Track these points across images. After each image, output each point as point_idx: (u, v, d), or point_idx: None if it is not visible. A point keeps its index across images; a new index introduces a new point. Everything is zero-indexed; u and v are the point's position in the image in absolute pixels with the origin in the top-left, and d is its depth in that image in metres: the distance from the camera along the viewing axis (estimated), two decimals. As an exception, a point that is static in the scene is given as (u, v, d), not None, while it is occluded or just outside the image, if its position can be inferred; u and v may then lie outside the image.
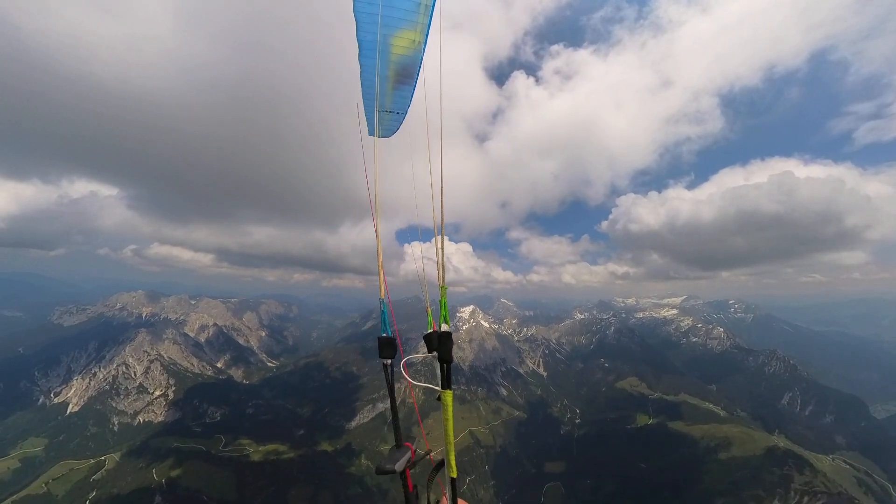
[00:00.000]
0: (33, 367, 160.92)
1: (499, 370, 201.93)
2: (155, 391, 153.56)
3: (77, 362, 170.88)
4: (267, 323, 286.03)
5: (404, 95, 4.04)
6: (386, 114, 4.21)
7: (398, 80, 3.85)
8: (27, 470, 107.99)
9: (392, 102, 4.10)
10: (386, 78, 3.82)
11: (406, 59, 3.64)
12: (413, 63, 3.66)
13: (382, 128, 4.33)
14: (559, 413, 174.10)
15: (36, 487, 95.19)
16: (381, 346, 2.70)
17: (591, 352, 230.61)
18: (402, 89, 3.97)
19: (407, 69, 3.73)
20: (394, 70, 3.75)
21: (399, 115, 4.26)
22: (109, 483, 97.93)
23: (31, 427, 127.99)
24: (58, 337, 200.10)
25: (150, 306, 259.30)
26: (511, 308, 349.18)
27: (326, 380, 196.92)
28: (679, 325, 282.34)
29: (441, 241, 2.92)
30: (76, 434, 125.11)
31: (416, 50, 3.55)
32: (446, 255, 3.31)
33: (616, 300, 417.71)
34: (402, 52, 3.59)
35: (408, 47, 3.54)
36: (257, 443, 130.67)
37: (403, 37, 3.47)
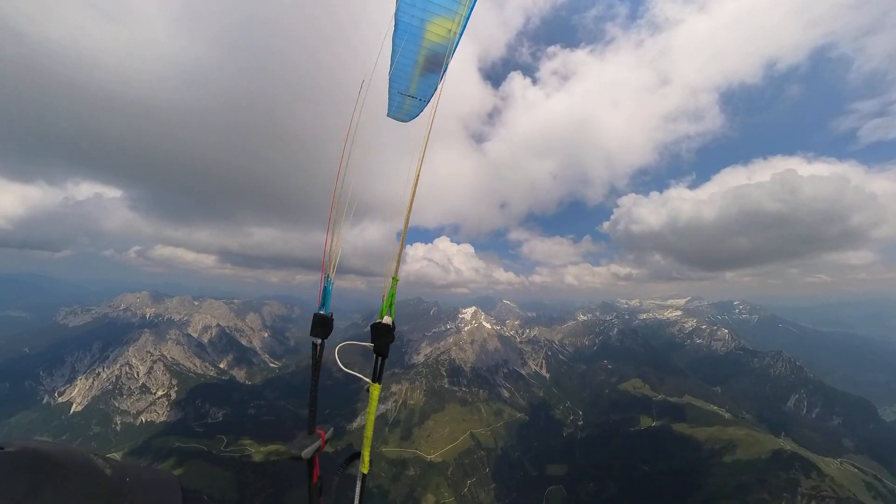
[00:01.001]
0: (38, 367, 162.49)
1: (501, 372, 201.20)
2: (157, 391, 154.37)
3: (81, 362, 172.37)
4: (269, 324, 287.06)
5: (430, 83, 4.02)
6: (408, 98, 4.19)
7: (427, 66, 3.85)
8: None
9: (417, 88, 4.08)
10: (415, 63, 3.81)
11: (438, 48, 3.63)
12: (444, 52, 3.64)
13: (402, 112, 4.33)
14: (561, 415, 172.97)
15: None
16: (314, 324, 2.44)
17: (594, 353, 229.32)
18: (428, 77, 3.96)
19: (437, 57, 3.72)
20: (424, 56, 3.74)
21: (421, 101, 4.23)
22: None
23: (36, 426, 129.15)
24: (63, 337, 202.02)
25: (154, 307, 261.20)
26: (513, 309, 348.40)
27: (328, 381, 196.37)
28: (683, 327, 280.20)
29: (404, 233, 2.73)
30: (79, 433, 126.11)
31: (451, 40, 3.53)
32: (447, 256, 3.22)
33: (619, 301, 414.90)
34: (436, 40, 3.58)
35: (443, 36, 3.53)
36: (259, 443, 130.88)
37: (440, 24, 3.45)
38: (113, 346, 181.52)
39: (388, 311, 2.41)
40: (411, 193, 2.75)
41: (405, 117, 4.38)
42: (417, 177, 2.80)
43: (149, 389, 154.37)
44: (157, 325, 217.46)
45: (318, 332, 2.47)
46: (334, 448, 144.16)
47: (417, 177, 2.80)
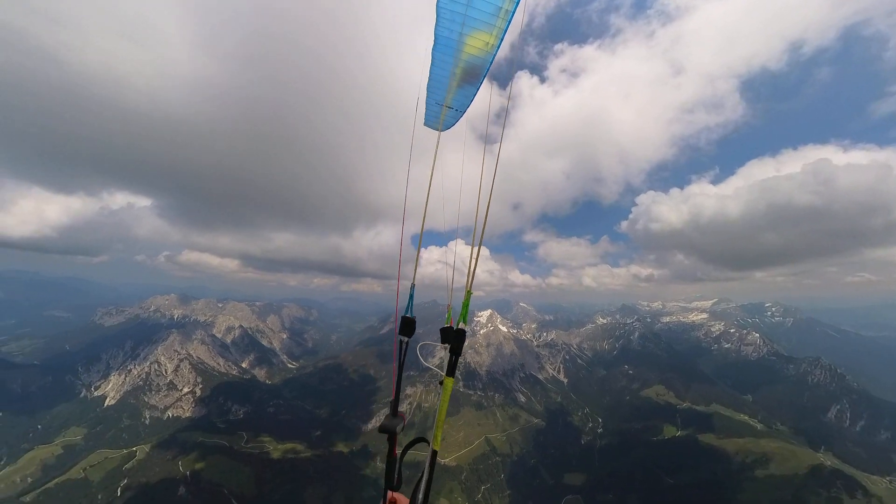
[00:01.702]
0: (77, 363, 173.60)
1: (517, 376, 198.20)
2: (184, 388, 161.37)
3: (115, 359, 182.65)
4: (289, 326, 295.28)
5: (467, 94, 4.18)
6: (445, 109, 4.36)
7: (464, 78, 3.99)
8: (68, 456, 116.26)
9: (454, 99, 4.25)
10: (453, 75, 3.96)
11: (476, 60, 3.76)
12: (482, 65, 3.78)
13: (439, 122, 4.51)
14: (580, 422, 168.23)
15: (75, 473, 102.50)
16: (402, 325, 3.11)
17: (615, 358, 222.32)
18: (466, 88, 4.11)
19: (475, 70, 3.86)
20: (462, 69, 3.88)
21: (458, 112, 4.40)
22: (139, 472, 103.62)
23: (73, 417, 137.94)
24: (99, 336, 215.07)
25: (182, 309, 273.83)
26: (530, 312, 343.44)
27: (344, 382, 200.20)
28: (709, 331, 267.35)
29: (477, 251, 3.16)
30: (112, 426, 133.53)
31: (489, 52, 3.65)
32: (462, 260, 3.75)
33: (640, 304, 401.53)
34: (474, 53, 3.70)
35: (481, 49, 3.65)
36: (277, 441, 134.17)
37: (478, 38, 3.58)
38: (144, 345, 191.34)
39: (462, 320, 3.00)
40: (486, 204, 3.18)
41: (441, 127, 4.55)
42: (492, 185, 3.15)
43: (176, 386, 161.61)
44: (184, 325, 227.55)
45: (406, 332, 3.15)
46: (349, 448, 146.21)
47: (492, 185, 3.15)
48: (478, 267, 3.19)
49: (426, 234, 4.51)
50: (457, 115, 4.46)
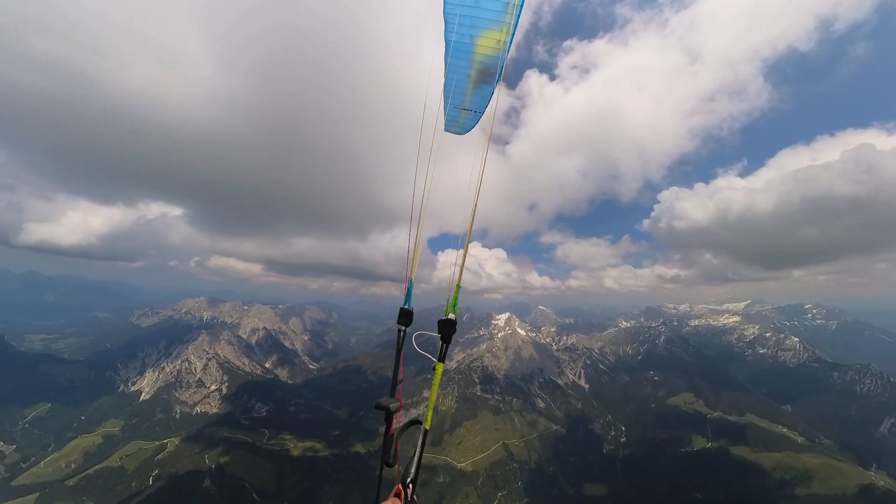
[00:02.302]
0: (117, 360, 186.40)
1: (536, 381, 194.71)
2: (211, 386, 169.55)
3: (150, 357, 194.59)
4: (310, 328, 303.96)
5: (484, 95, 4.25)
6: (463, 111, 4.44)
7: (480, 79, 4.07)
8: (107, 446, 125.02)
9: (471, 101, 4.33)
10: (468, 77, 4.04)
11: (489, 60, 3.83)
12: (496, 63, 3.84)
13: (459, 125, 4.59)
14: (602, 430, 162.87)
15: (112, 461, 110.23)
16: (400, 315, 3.49)
17: (639, 363, 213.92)
18: (482, 89, 4.18)
19: (489, 69, 3.93)
20: (476, 70, 3.95)
21: (476, 113, 4.46)
22: (169, 464, 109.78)
23: (112, 410, 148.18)
24: (136, 335, 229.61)
25: (210, 311, 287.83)
26: (549, 315, 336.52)
27: (363, 384, 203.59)
28: (743, 335, 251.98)
29: (466, 247, 3.54)
30: (146, 419, 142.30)
31: (501, 50, 3.70)
32: (479, 262, 4.58)
33: (666, 306, 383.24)
34: (487, 53, 3.78)
35: (493, 48, 3.72)
36: (297, 439, 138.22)
37: (489, 37, 3.64)
38: (176, 345, 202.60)
39: (452, 311, 3.33)
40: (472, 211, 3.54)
41: (462, 130, 4.64)
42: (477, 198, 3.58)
43: (204, 384, 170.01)
44: (212, 326, 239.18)
45: (403, 321, 3.52)
46: (366, 449, 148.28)
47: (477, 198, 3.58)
48: (495, 269, 3.62)
49: (443, 236, 4.63)
50: (476, 117, 4.54)
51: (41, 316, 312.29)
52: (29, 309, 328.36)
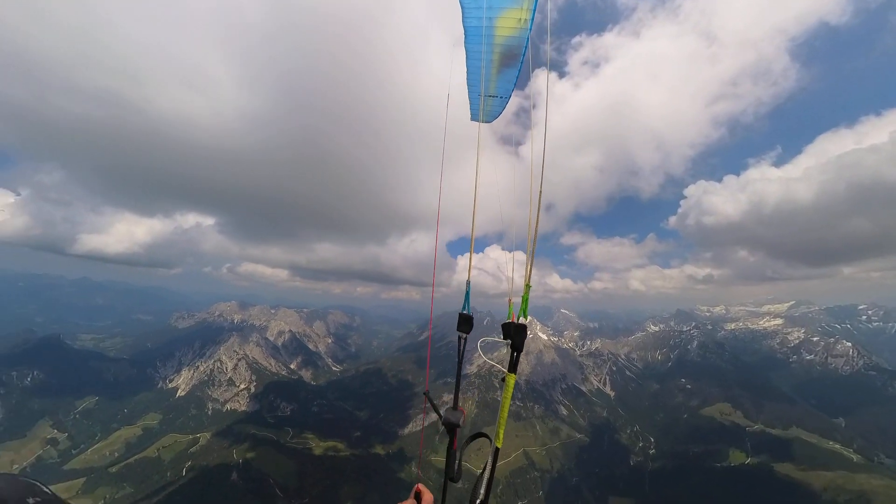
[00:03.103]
0: (156, 359, 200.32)
1: (558, 387, 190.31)
2: (240, 385, 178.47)
3: (186, 357, 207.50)
4: (333, 331, 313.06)
5: (509, 79, 4.07)
6: (490, 98, 4.27)
7: (503, 62, 3.90)
8: (146, 437, 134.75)
9: (496, 87, 4.17)
10: (491, 62, 3.87)
11: (512, 41, 3.65)
12: (519, 44, 3.66)
13: (486, 112, 4.41)
14: (629, 440, 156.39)
15: (150, 452, 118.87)
16: (460, 321, 3.15)
17: (669, 370, 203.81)
18: (506, 73, 4.01)
19: (512, 50, 3.75)
20: (499, 53, 3.78)
21: (502, 99, 4.30)
22: (201, 456, 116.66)
23: (151, 404, 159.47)
24: (174, 336, 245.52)
25: (240, 314, 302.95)
26: (572, 319, 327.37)
27: (384, 386, 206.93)
28: (786, 339, 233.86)
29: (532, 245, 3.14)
30: (181, 414, 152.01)
31: (523, 28, 3.53)
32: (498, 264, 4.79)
33: (699, 309, 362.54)
34: (508, 34, 3.60)
35: (514, 27, 3.55)
36: (319, 438, 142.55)
37: (509, 17, 3.48)
38: (209, 345, 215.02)
39: (522, 314, 2.92)
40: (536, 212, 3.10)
41: (489, 118, 4.48)
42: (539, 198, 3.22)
43: (234, 383, 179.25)
44: (242, 329, 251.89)
45: (464, 328, 3.17)
46: (386, 451, 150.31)
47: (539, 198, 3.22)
48: (513, 273, 3.39)
49: (463, 239, 4.20)
50: (503, 103, 4.38)
51: (91, 317, 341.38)
52: (81, 311, 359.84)
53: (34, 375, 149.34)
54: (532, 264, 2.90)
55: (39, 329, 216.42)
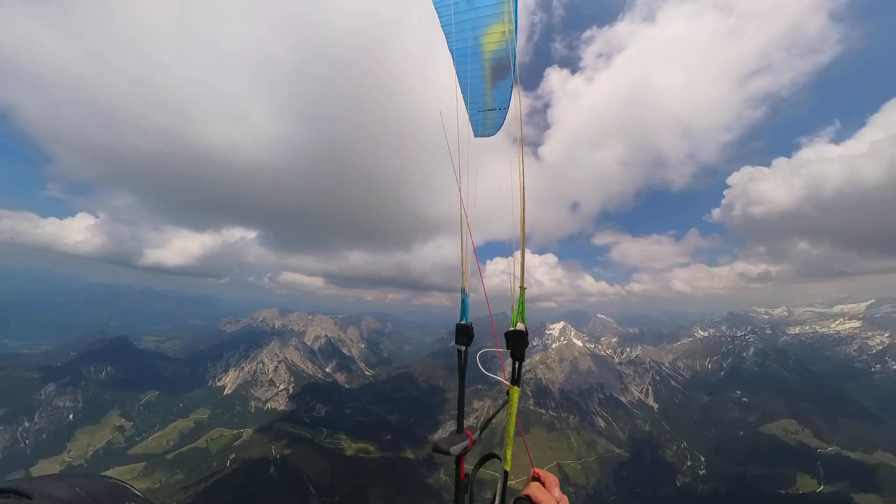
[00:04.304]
0: (207, 360, 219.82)
1: (595, 397, 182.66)
2: (280, 385, 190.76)
3: (232, 358, 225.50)
4: (366, 336, 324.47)
5: (503, 90, 4.13)
6: (489, 112, 4.34)
7: (495, 76, 3.97)
8: (197, 430, 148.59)
9: (493, 100, 4.25)
10: (483, 78, 3.93)
11: (499, 54, 3.71)
12: (506, 55, 3.71)
13: (487, 126, 4.50)
14: (675, 458, 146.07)
15: (200, 443, 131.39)
16: (457, 333, 2.83)
17: (722, 381, 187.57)
18: (500, 85, 4.07)
19: (501, 63, 3.81)
20: (490, 68, 3.85)
21: (501, 110, 4.36)
22: (243, 450, 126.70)
23: (202, 400, 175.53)
24: (222, 340, 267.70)
25: (281, 320, 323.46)
26: (610, 324, 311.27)
27: (415, 391, 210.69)
28: (866, 344, 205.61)
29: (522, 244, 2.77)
30: (228, 410, 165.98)
31: (509, 40, 3.58)
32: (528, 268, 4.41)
33: (755, 311, 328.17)
34: (495, 48, 3.67)
35: (499, 41, 3.60)
36: (351, 439, 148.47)
37: (494, 32, 3.53)
38: (253, 348, 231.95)
39: (519, 319, 2.50)
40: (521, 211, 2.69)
41: (492, 131, 4.56)
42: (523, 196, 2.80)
43: (274, 383, 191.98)
44: (282, 333, 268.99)
45: (462, 340, 2.81)
46: (416, 455, 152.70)
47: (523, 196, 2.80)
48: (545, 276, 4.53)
49: (489, 244, 4.60)
50: (502, 114, 4.47)
51: (153, 322, 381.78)
52: (145, 316, 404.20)
53: (107, 371, 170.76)
54: (523, 265, 2.74)
55: (111, 331, 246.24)
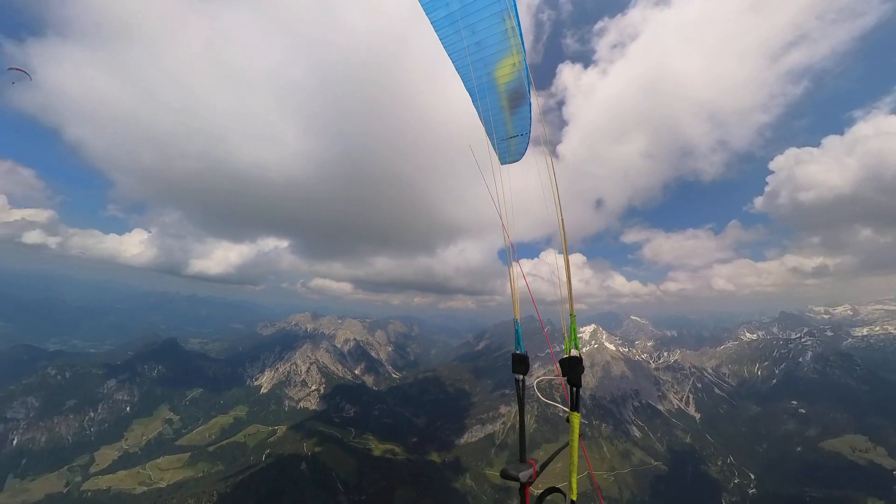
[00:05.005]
0: (246, 361, 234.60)
1: (630, 404, 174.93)
2: (312, 386, 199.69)
3: (268, 359, 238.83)
4: (393, 340, 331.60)
5: (523, 116, 4.47)
6: (512, 139, 4.69)
7: (513, 104, 4.33)
8: (236, 425, 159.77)
9: (514, 127, 4.59)
10: (501, 108, 4.31)
11: (514, 84, 4.05)
12: (521, 84, 4.04)
13: (512, 153, 4.83)
14: (720, 474, 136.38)
15: (238, 437, 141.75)
16: (514, 362, 3.18)
17: (774, 389, 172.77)
18: (519, 112, 4.42)
19: (517, 92, 4.15)
20: (506, 98, 4.21)
21: (524, 136, 4.71)
22: (277, 446, 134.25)
23: (241, 398, 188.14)
24: (259, 342, 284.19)
25: (313, 324, 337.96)
26: (645, 327, 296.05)
27: (441, 395, 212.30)
28: None
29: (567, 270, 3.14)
30: (264, 408, 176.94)
31: (520, 70, 3.89)
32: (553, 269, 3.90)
33: (812, 310, 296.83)
34: (508, 79, 4.00)
35: (511, 72, 3.93)
36: (378, 440, 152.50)
37: (504, 65, 3.86)
38: (287, 351, 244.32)
39: (573, 346, 2.86)
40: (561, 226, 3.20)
41: (517, 157, 4.85)
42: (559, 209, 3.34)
43: (306, 384, 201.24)
44: (314, 337, 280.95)
45: (520, 369, 3.19)
46: (442, 459, 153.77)
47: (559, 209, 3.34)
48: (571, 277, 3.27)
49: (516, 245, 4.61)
50: (525, 139, 4.74)
51: (198, 325, 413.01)
52: (191, 320, 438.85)
53: (158, 369, 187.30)
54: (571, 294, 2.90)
55: (162, 334, 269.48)
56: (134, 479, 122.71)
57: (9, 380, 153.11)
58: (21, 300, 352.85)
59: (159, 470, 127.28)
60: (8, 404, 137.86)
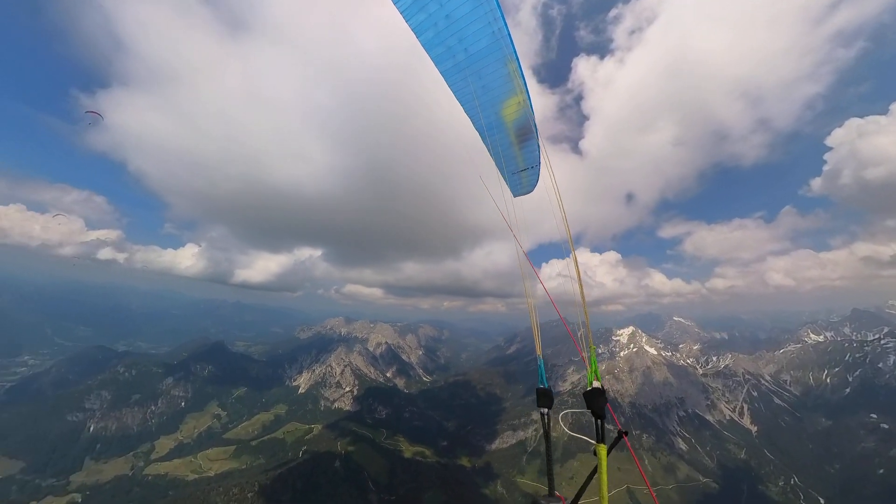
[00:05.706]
0: (285, 362, 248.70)
1: (674, 414, 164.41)
2: (346, 387, 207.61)
3: (306, 361, 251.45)
4: (424, 343, 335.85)
5: (532, 149, 4.73)
6: (522, 172, 4.98)
7: (521, 139, 4.59)
8: (276, 422, 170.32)
9: (524, 160, 4.87)
10: (510, 144, 4.60)
11: (520, 120, 4.35)
12: (527, 120, 4.33)
13: (524, 186, 5.19)
14: (781, 496, 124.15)
15: (278, 434, 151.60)
16: (538, 396, 3.26)
17: (848, 400, 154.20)
18: (527, 145, 4.69)
19: (524, 127, 4.43)
20: (514, 134, 4.49)
21: (534, 168, 4.97)
22: (313, 443, 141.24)
23: (281, 397, 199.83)
24: (298, 345, 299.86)
25: (346, 328, 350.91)
26: (690, 328, 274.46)
27: (472, 399, 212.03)
28: None
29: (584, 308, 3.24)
30: (301, 407, 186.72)
31: (525, 107, 4.19)
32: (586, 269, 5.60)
33: (892, 306, 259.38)
34: (514, 117, 4.32)
35: (517, 110, 4.23)
36: (409, 442, 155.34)
37: (510, 104, 4.17)
38: (323, 353, 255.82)
39: (594, 378, 2.92)
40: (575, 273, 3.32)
41: (529, 188, 5.18)
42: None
43: (341, 385, 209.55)
44: (348, 340, 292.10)
45: (545, 402, 3.24)
46: (472, 464, 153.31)
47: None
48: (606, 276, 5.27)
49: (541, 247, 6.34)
50: (536, 171, 5.01)
51: (243, 329, 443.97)
52: (237, 325, 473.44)
53: (209, 369, 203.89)
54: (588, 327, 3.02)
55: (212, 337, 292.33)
56: (187, 466, 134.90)
57: (87, 376, 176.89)
58: (97, 307, 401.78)
59: (208, 460, 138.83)
60: (86, 396, 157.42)
